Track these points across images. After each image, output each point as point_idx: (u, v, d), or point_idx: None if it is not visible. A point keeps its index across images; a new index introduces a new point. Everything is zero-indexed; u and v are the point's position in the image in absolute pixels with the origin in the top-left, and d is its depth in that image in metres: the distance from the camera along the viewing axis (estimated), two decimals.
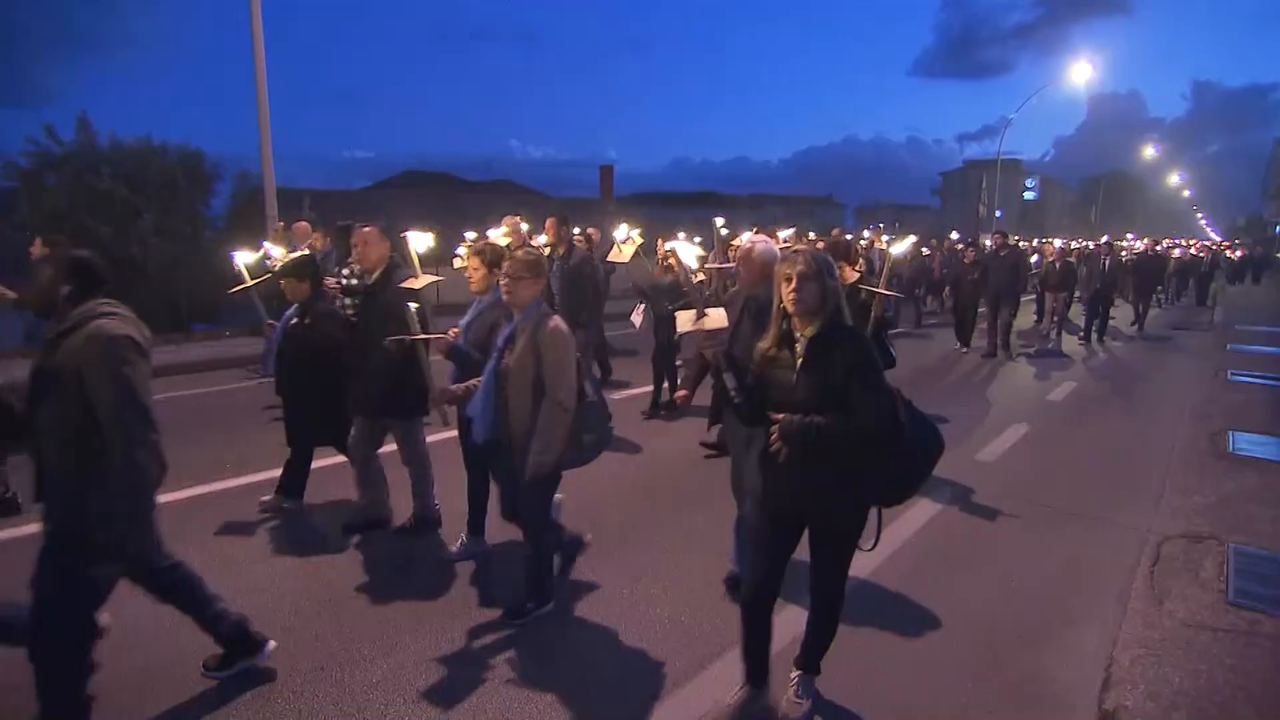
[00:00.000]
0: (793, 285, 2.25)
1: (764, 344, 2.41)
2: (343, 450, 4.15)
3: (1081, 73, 24.57)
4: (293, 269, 4.18)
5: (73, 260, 2.29)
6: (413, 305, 3.44)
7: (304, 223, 7.06)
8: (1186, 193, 70.20)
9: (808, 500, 2.36)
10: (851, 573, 3.65)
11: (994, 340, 10.42)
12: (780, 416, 2.25)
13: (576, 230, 7.67)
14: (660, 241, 6.89)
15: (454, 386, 3.38)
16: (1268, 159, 69.39)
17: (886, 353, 4.51)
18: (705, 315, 2.58)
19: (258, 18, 9.25)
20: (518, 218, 6.43)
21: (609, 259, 8.23)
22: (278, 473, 4.35)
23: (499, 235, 6.14)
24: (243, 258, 4.71)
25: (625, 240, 8.53)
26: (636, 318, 7.21)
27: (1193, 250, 24.46)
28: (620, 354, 9.36)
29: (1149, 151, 51.05)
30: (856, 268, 4.82)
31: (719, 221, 6.71)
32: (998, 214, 30.78)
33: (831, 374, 2.23)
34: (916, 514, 4.49)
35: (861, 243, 12.15)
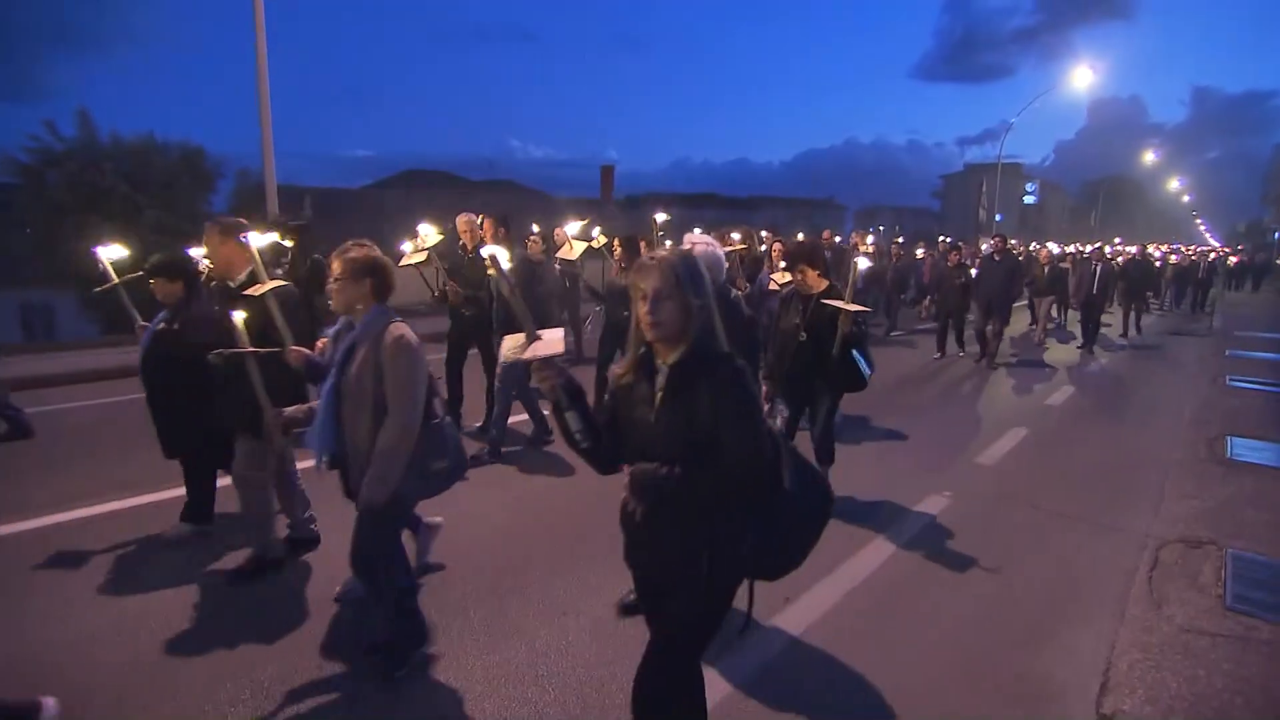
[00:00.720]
0: (646, 304, 1.83)
1: (619, 371, 2.00)
2: (228, 471, 3.73)
3: (1082, 77, 24.58)
4: (163, 268, 3.76)
5: None
6: (239, 315, 3.11)
7: (241, 221, 6.80)
8: (1186, 198, 70.33)
9: (655, 565, 1.98)
10: (852, 574, 3.73)
11: (986, 348, 9.99)
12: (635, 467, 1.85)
13: (536, 229, 6.98)
14: (616, 242, 6.23)
15: (291, 409, 3.03)
16: (1267, 165, 69.57)
17: (856, 372, 4.21)
18: (538, 339, 2.08)
19: (260, 15, 9.25)
20: (471, 215, 5.90)
21: (559, 256, 7.47)
22: None
23: (430, 233, 5.70)
24: (107, 254, 4.21)
25: (592, 239, 7.99)
26: (589, 324, 6.87)
27: (1190, 256, 24.47)
28: (586, 362, 9.19)
29: (1149, 156, 51.12)
30: (821, 273, 4.33)
31: (660, 218, 6.34)
32: (998, 218, 30.80)
33: (697, 410, 1.81)
34: (916, 516, 4.50)
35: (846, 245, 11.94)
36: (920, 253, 16.09)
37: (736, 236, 7.74)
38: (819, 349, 4.18)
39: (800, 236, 10.66)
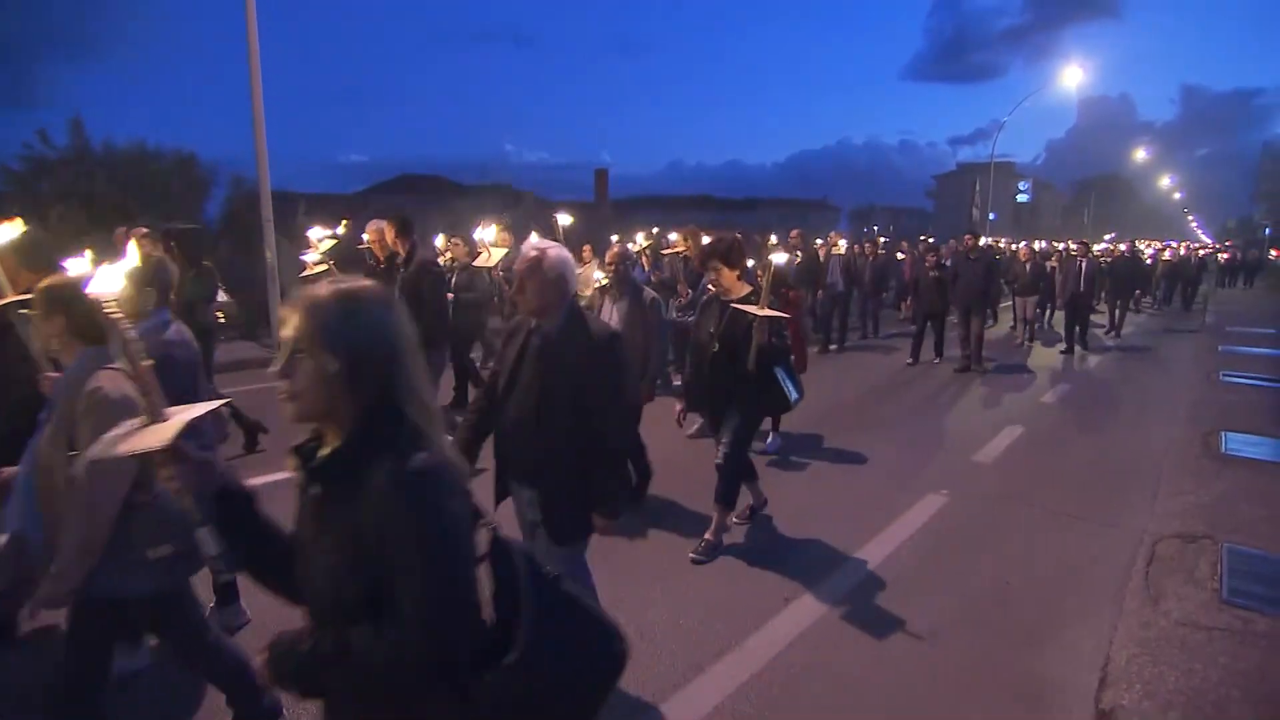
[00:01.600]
0: (281, 363, 1.20)
1: (291, 464, 1.27)
2: None
3: (1072, 76, 24.74)
4: None
5: None
6: None
7: (143, 229, 6.83)
8: (1177, 195, 70.81)
9: None
10: (851, 573, 3.73)
11: (967, 353, 9.52)
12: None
13: (502, 230, 6.33)
14: (578, 248, 6.05)
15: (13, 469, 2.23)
16: (1256, 162, 70.21)
17: (778, 391, 3.80)
18: (163, 421, 1.27)
19: (253, 20, 9.24)
20: (382, 223, 5.40)
21: (476, 264, 6.81)
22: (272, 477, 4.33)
23: (323, 238, 5.31)
24: None
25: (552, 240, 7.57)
26: None
27: (1181, 251, 24.55)
28: None
29: (1140, 154, 51.54)
30: (741, 275, 3.85)
31: (563, 221, 5.51)
32: (992, 216, 30.90)
33: (359, 538, 1.14)
34: (913, 515, 4.51)
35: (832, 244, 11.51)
36: (901, 254, 15.99)
37: (675, 238, 7.19)
38: (734, 362, 3.72)
39: (773, 239, 10.38)
